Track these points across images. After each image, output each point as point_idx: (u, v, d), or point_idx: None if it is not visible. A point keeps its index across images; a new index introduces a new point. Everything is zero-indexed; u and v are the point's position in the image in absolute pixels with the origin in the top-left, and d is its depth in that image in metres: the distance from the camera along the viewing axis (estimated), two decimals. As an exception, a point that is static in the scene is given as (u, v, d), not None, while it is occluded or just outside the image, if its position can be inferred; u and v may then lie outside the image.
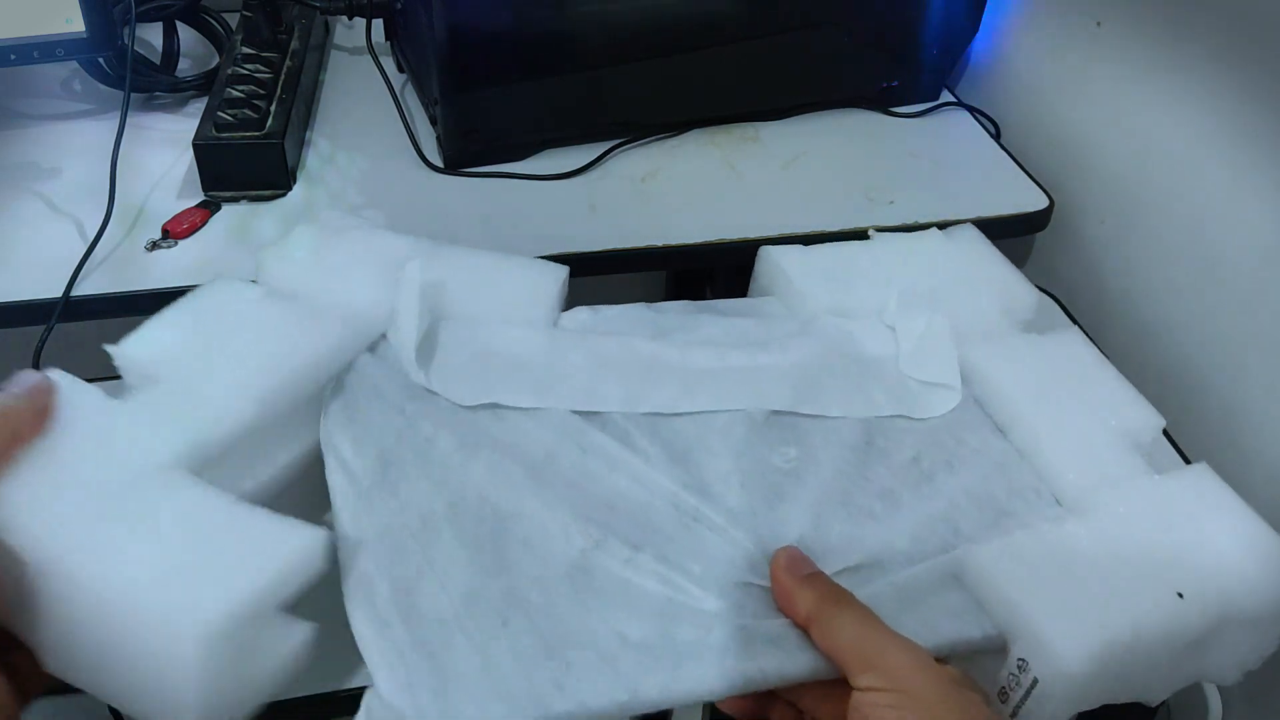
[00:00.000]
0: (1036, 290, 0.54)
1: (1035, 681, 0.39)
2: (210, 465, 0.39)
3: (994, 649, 0.40)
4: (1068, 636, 0.38)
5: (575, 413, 0.44)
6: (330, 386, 0.44)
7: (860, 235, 0.58)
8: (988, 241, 0.57)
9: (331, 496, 0.40)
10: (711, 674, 0.37)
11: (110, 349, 0.41)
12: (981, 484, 0.45)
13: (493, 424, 0.43)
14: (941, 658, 0.39)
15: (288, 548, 0.36)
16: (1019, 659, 0.39)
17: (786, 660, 0.37)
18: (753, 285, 0.56)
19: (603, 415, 0.45)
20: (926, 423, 0.48)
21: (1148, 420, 0.48)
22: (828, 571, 0.40)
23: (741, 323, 0.51)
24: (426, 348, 0.46)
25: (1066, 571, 0.40)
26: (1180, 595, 0.40)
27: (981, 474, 0.46)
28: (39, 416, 0.35)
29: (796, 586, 0.39)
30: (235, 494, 0.37)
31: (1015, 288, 0.54)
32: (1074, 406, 0.48)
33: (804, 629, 0.38)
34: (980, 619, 0.40)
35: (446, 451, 0.42)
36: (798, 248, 0.55)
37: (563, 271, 0.51)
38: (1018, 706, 0.39)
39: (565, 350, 0.47)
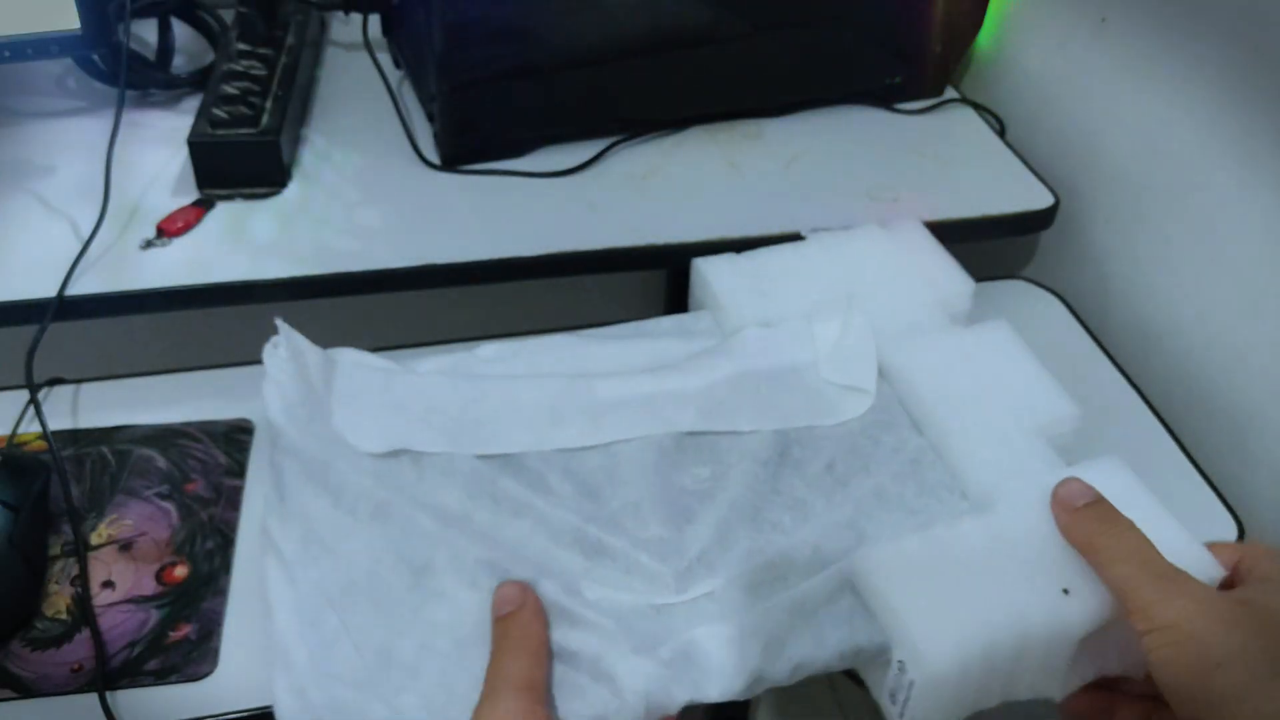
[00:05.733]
0: (972, 281, 0.54)
1: (913, 683, 0.39)
2: None
3: (885, 654, 0.41)
4: (937, 638, 0.39)
5: (489, 458, 0.46)
6: (269, 471, 0.46)
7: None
8: (929, 234, 0.57)
9: (263, 577, 0.42)
10: (601, 702, 0.38)
11: None
12: (892, 484, 0.46)
13: (413, 485, 0.45)
14: (849, 668, 0.41)
15: None
16: (899, 661, 0.40)
17: (675, 686, 0.39)
18: (690, 299, 0.56)
19: (517, 458, 0.46)
20: (845, 426, 0.48)
21: (1064, 412, 0.48)
22: (721, 581, 0.41)
23: (665, 344, 0.52)
24: (333, 389, 0.47)
25: (950, 572, 0.41)
26: (1066, 591, 0.40)
27: (894, 474, 0.46)
28: (542, 617, 0.40)
29: (1073, 519, 0.40)
30: None
31: (951, 281, 0.54)
32: (988, 401, 0.48)
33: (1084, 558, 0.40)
34: (869, 625, 0.41)
35: (366, 520, 0.43)
36: (729, 257, 0.55)
37: None
38: (904, 708, 0.40)
39: (475, 395, 0.48)
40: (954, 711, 0.40)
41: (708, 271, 0.54)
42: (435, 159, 0.67)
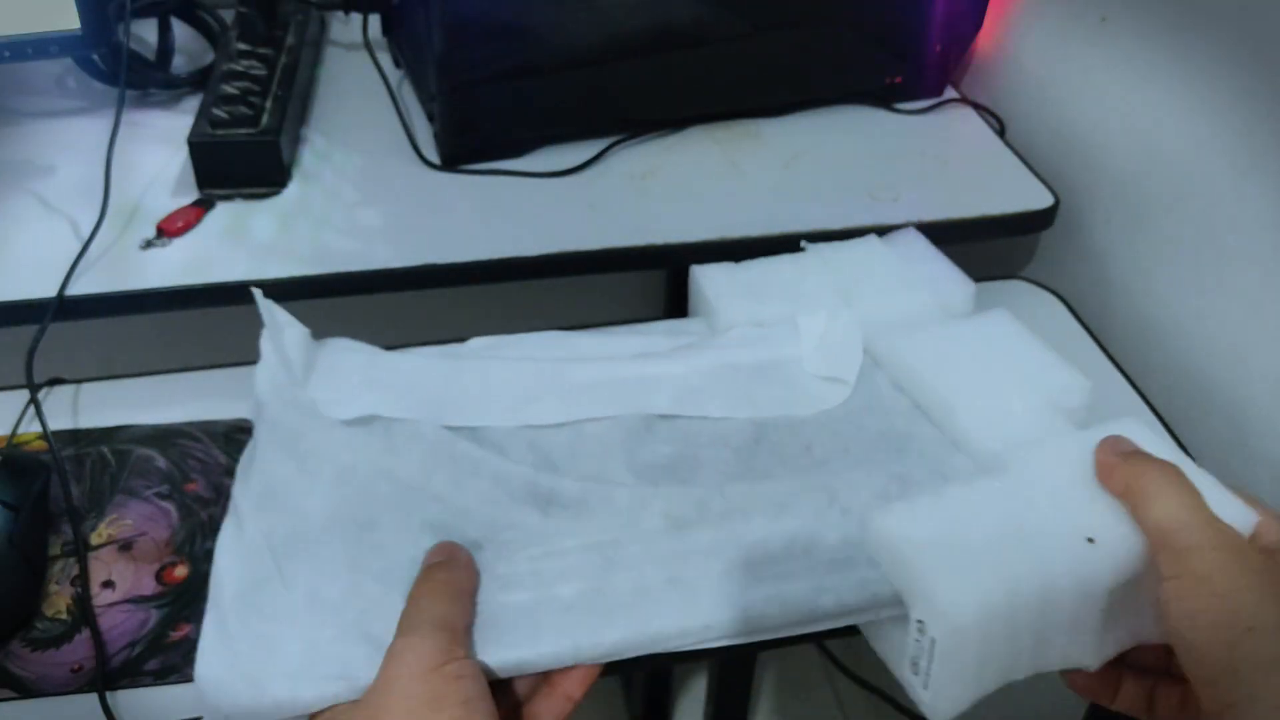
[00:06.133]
0: (973, 284, 0.54)
1: (934, 643, 0.37)
2: None
3: (870, 615, 0.40)
4: (956, 590, 0.37)
5: (456, 430, 0.46)
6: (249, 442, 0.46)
7: (864, 233, 0.58)
8: (928, 243, 0.56)
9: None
10: (524, 643, 0.39)
11: None
12: (872, 456, 0.45)
13: (380, 453, 0.45)
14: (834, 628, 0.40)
15: None
16: (917, 621, 0.38)
17: (607, 629, 0.39)
18: (689, 307, 0.56)
19: (483, 430, 0.46)
20: (828, 413, 0.48)
21: (1072, 384, 0.47)
22: (666, 523, 0.41)
23: (651, 340, 0.52)
24: (316, 366, 0.48)
25: (967, 526, 0.39)
26: (1091, 541, 0.38)
27: (875, 449, 0.46)
28: (470, 570, 0.40)
29: (1117, 461, 0.39)
30: None
31: (951, 285, 0.54)
32: (993, 378, 0.47)
33: (1122, 501, 0.38)
34: (839, 587, 0.40)
35: (326, 482, 0.44)
36: (726, 266, 0.55)
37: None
38: (927, 676, 0.38)
39: (451, 373, 0.48)
40: (981, 677, 0.38)
41: (702, 279, 0.54)
42: (435, 159, 0.67)
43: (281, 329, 0.47)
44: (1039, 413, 0.46)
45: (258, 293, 0.48)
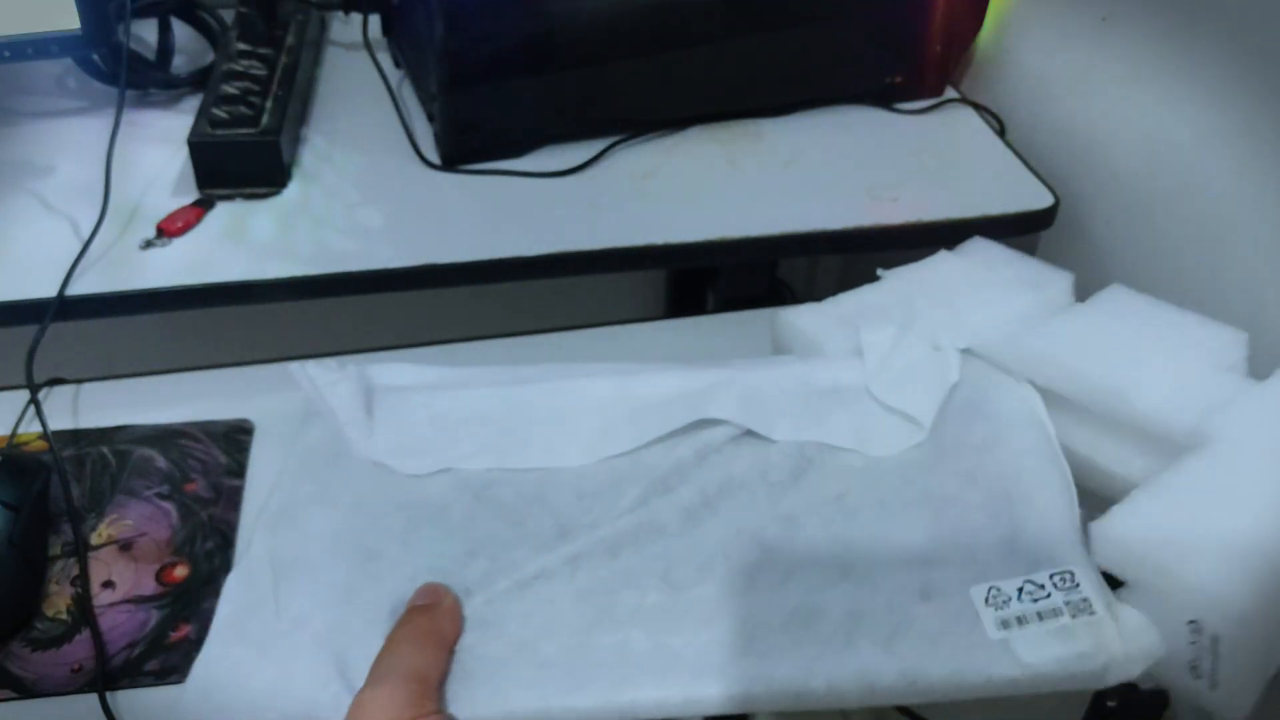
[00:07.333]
0: (1070, 273, 0.52)
1: (1216, 639, 0.35)
2: None
3: (868, 701, 0.37)
4: (1227, 575, 0.34)
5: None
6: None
7: (864, 233, 0.58)
8: (1000, 245, 0.55)
9: None
10: (490, 709, 0.37)
11: None
12: (902, 516, 0.42)
13: (401, 486, 0.44)
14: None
15: None
16: (1189, 621, 0.36)
17: (581, 693, 0.37)
18: (776, 351, 0.54)
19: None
20: (867, 460, 0.45)
21: (1229, 337, 0.46)
22: (668, 590, 0.40)
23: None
24: (371, 421, 0.47)
25: (1202, 509, 0.37)
26: None
27: (910, 507, 0.43)
28: (453, 617, 0.39)
29: None
30: None
31: (1049, 278, 0.52)
32: (1150, 352, 0.45)
33: None
34: (842, 663, 0.37)
35: (343, 510, 0.43)
36: (810, 306, 0.52)
37: None
38: (1213, 676, 0.36)
39: (519, 403, 0.47)
40: (1267, 661, 0.36)
41: (796, 320, 0.51)
42: (435, 159, 0.67)
43: (325, 394, 0.46)
44: (1211, 375, 0.44)
45: (295, 367, 0.47)
